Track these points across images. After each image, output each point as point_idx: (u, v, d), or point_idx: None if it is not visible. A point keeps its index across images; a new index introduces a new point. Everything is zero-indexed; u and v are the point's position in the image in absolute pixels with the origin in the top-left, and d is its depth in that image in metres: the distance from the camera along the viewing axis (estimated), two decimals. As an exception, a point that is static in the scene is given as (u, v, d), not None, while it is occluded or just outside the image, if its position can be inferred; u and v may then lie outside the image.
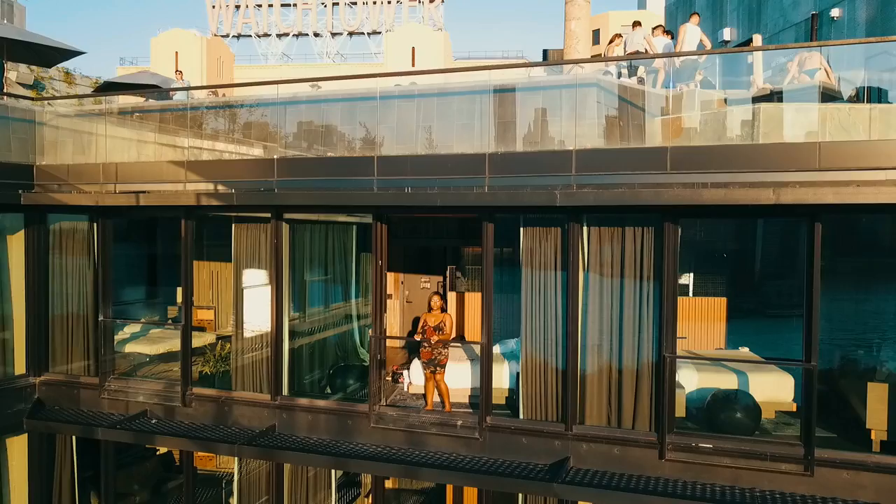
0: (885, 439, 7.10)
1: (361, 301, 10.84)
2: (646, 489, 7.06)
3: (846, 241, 9.34)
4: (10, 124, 10.64)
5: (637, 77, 11.01)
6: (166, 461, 13.50)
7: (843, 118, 8.18)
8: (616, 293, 7.64)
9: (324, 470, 9.45)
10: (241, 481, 9.84)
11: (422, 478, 8.48)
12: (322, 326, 10.22)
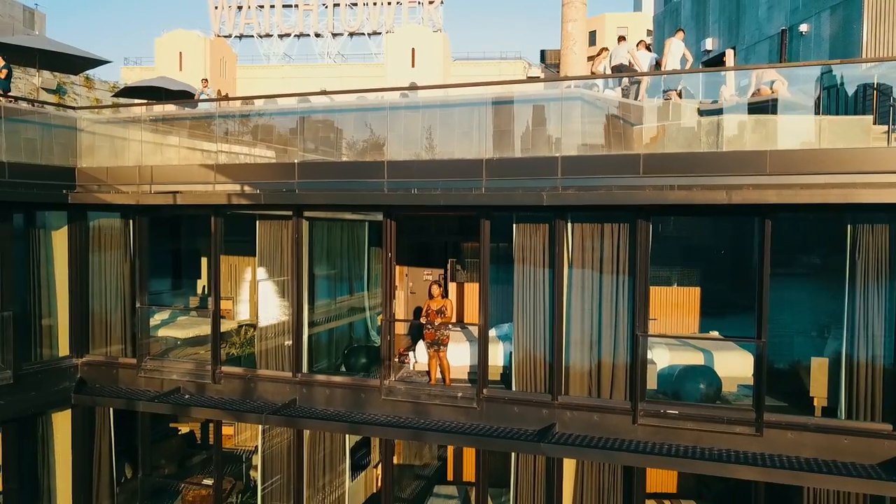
0: (826, 405, 8.26)
1: (372, 291, 11.98)
2: (619, 448, 8.22)
3: (805, 242, 10.50)
4: (53, 131, 11.77)
5: (621, 87, 12.17)
6: (189, 439, 14.69)
7: (795, 128, 9.36)
8: (596, 282, 8.78)
9: (338, 443, 10.58)
10: (263, 455, 10.96)
11: (427, 440, 9.64)
12: (337, 312, 11.37)
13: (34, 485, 10.99)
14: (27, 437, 10.83)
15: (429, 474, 12.70)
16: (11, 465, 10.54)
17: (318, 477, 10.49)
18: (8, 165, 10.30)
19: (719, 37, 17.65)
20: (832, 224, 8.48)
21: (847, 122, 9.25)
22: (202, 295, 14.56)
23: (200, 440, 14.86)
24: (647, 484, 11.47)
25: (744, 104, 10.44)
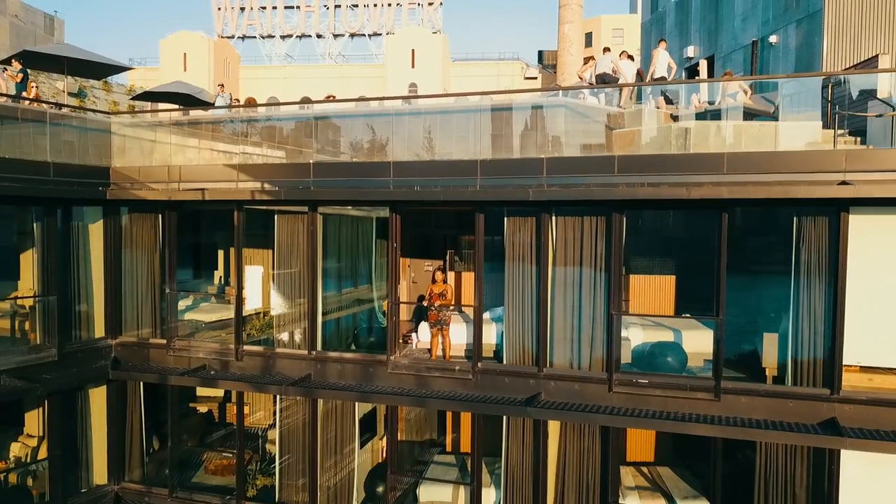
0: (776, 374, 9.48)
1: (378, 278, 13.18)
2: (595, 411, 9.44)
3: (761, 234, 11.65)
4: (88, 133, 12.98)
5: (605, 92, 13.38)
6: (209, 418, 15.90)
7: (755, 133, 10.59)
8: (577, 268, 9.98)
9: (349, 414, 11.78)
10: (280, 429, 12.15)
11: (429, 406, 10.87)
12: (347, 298, 12.58)
13: (74, 453, 12.20)
14: (68, 409, 12.04)
15: (429, 446, 13.91)
16: (55, 434, 11.77)
17: (330, 444, 11.70)
18: (53, 165, 11.51)
19: (700, 45, 18.87)
20: (782, 218, 9.68)
21: (800, 127, 10.45)
22: (219, 284, 15.79)
23: (218, 419, 16.07)
24: (627, 453, 12.77)
25: (715, 110, 11.69)
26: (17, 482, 12.21)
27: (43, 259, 11.51)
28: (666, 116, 11.86)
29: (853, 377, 9.02)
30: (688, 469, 11.96)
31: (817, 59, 13.57)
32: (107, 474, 12.67)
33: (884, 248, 8.74)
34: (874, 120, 10.71)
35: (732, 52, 17.08)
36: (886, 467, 8.71)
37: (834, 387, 8.86)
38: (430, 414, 14.53)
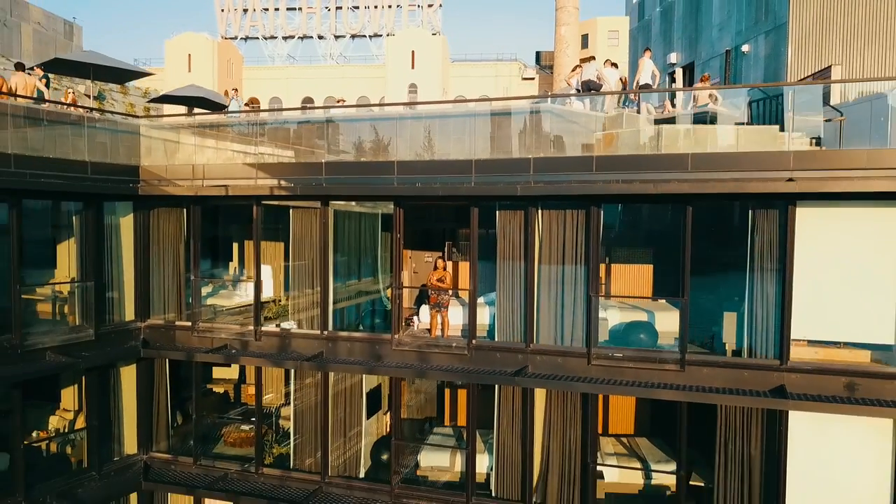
0: (734, 349, 10.77)
1: (384, 266, 14.45)
2: (576, 381, 10.73)
3: (724, 226, 12.89)
4: (119, 135, 14.24)
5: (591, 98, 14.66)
6: (224, 397, 17.21)
7: (720, 136, 11.88)
8: (560, 255, 11.26)
9: (356, 388, 13.06)
10: (294, 407, 13.42)
11: (429, 377, 12.17)
12: (355, 284, 13.86)
13: (107, 425, 13.48)
14: (103, 384, 13.32)
15: (428, 423, 15.21)
16: (92, 407, 13.05)
17: (340, 417, 12.98)
18: (90, 164, 12.78)
19: (682, 51, 20.13)
20: (740, 211, 10.94)
21: (759, 130, 11.74)
22: (233, 274, 17.06)
23: (233, 399, 17.37)
24: (609, 426, 14.07)
25: (686, 115, 12.97)
26: (57, 451, 13.50)
27: (81, 249, 12.78)
28: (643, 122, 13.14)
29: (801, 350, 10.30)
30: (662, 439, 13.27)
31: (783, 67, 14.81)
32: (136, 445, 13.96)
33: (827, 237, 10.00)
34: (827, 123, 11.98)
35: (710, 59, 18.35)
36: (828, 425, 10.00)
37: (783, 358, 10.15)
38: (429, 395, 15.84)
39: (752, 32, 16.42)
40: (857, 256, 9.89)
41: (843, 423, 10.00)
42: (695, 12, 19.40)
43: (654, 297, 13.82)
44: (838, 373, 9.99)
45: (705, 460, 11.24)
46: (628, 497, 12.09)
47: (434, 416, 15.84)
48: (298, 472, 13.00)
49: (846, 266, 9.94)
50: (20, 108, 12.46)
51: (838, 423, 10.01)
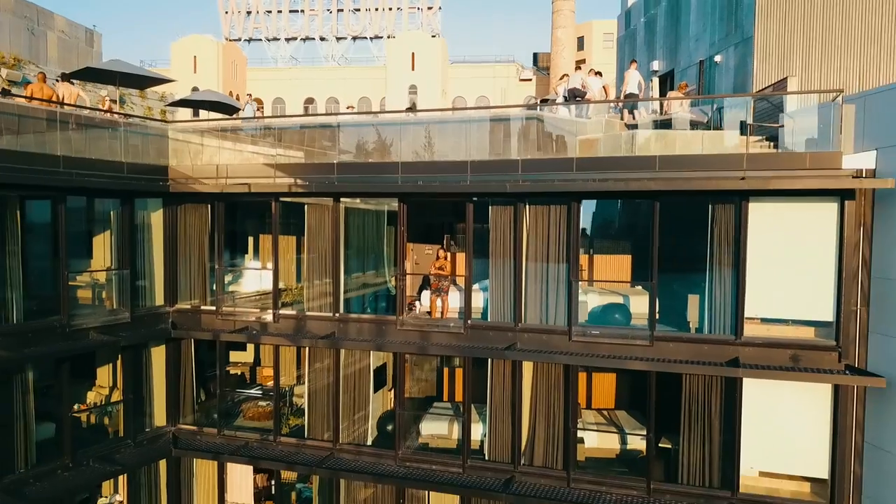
0: (696, 326, 12.29)
1: (388, 257, 15.94)
2: (557, 354, 12.25)
3: (689, 219, 14.35)
4: (149, 138, 15.75)
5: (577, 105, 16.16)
6: (241, 379, 18.71)
7: (687, 140, 13.39)
8: (544, 246, 12.76)
9: (364, 367, 14.55)
10: (309, 384, 14.91)
11: (430, 352, 13.66)
12: (364, 273, 15.37)
13: (140, 399, 14.98)
14: (137, 362, 14.82)
15: (428, 396, 16.72)
16: (128, 382, 14.56)
17: (350, 392, 14.49)
18: (126, 164, 14.29)
19: (663, 59, 21.63)
20: (702, 206, 12.40)
21: (721, 136, 13.26)
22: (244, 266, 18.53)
23: (249, 380, 18.88)
24: (592, 401, 15.59)
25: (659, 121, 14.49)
26: (96, 421, 15.01)
27: (118, 240, 14.29)
28: (621, 125, 14.66)
29: (753, 327, 11.82)
30: (638, 412, 14.79)
31: (749, 77, 16.30)
32: (165, 417, 15.46)
33: (775, 228, 11.50)
34: (783, 128, 13.50)
35: (688, 67, 19.84)
36: (777, 391, 11.53)
37: (738, 334, 11.67)
38: (429, 376, 17.34)
39: (723, 44, 17.94)
40: (801, 245, 11.42)
41: (789, 388, 11.54)
42: (675, 24, 20.93)
43: (632, 283, 15.36)
44: (785, 346, 11.52)
45: (673, 425, 12.74)
46: (606, 460, 13.60)
47: (434, 395, 17.35)
48: (312, 441, 14.51)
49: (792, 253, 11.46)
50: (68, 115, 13.93)
51: (785, 388, 11.55)
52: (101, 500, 15.06)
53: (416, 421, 14.74)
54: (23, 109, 13.48)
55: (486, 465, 13.33)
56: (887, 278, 10.76)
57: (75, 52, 24.75)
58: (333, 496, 14.52)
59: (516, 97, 65.48)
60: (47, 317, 13.01)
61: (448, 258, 14.34)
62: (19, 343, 12.25)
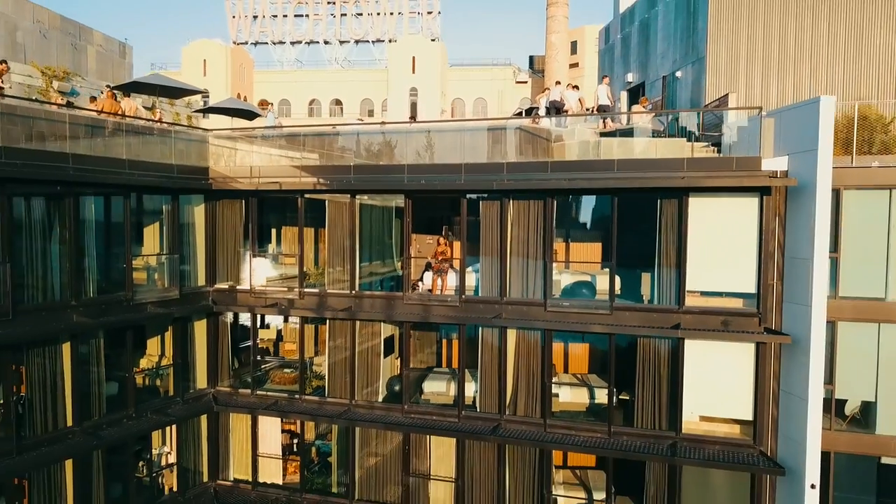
0: (648, 298, 15.06)
1: (396, 245, 18.70)
2: (535, 321, 15.02)
3: (644, 213, 17.08)
4: (192, 143, 18.49)
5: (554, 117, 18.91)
6: (266, 351, 21.45)
7: (644, 147, 16.15)
8: (525, 234, 15.50)
9: (376, 336, 17.29)
10: (328, 356, 17.68)
11: (431, 320, 16.42)
12: (376, 259, 18.14)
13: (186, 365, 17.74)
14: (183, 332, 17.59)
15: (428, 363, 19.49)
16: (176, 349, 17.33)
17: (363, 357, 17.24)
18: (176, 166, 17.03)
19: (636, 73, 24.36)
20: (652, 201, 15.12)
21: (672, 142, 16.01)
22: (273, 252, 21.28)
23: (272, 353, 21.63)
24: (568, 367, 18.34)
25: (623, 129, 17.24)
26: (149, 383, 17.77)
27: (169, 229, 17.05)
28: (593, 133, 17.42)
29: (693, 299, 14.57)
30: (606, 374, 17.53)
31: (703, 91, 19.02)
32: (206, 380, 18.23)
33: (710, 218, 14.23)
34: (725, 136, 16.25)
35: (655, 80, 22.56)
36: (711, 349, 14.26)
37: (681, 304, 14.42)
38: (430, 347, 20.09)
39: (683, 62, 20.69)
40: (730, 232, 14.16)
41: (721, 347, 14.29)
42: (645, 42, 23.67)
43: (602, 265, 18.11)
44: (718, 313, 14.28)
45: (630, 381, 15.49)
46: (577, 412, 16.35)
47: (434, 364, 20.11)
48: (332, 398, 17.29)
49: (723, 239, 14.20)
50: (132, 126, 16.67)
51: (718, 347, 14.30)
52: (154, 450, 17.81)
53: (419, 381, 17.52)
54: (94, 120, 16.22)
55: (477, 415, 16.10)
56: (795, 258, 13.51)
57: (111, 63, 27.44)
58: (349, 448, 17.28)
59: (512, 98, 68.22)
60: (115, 292, 15.77)
61: (446, 245, 17.10)
62: (95, 313, 15.00)
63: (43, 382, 14.18)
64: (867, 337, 14.02)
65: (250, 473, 18.21)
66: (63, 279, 14.51)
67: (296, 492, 17.72)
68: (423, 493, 16.72)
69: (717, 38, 18.51)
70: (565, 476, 17.63)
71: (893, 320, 13.83)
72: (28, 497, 14.19)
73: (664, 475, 14.75)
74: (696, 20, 19.59)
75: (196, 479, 18.08)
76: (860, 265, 14.00)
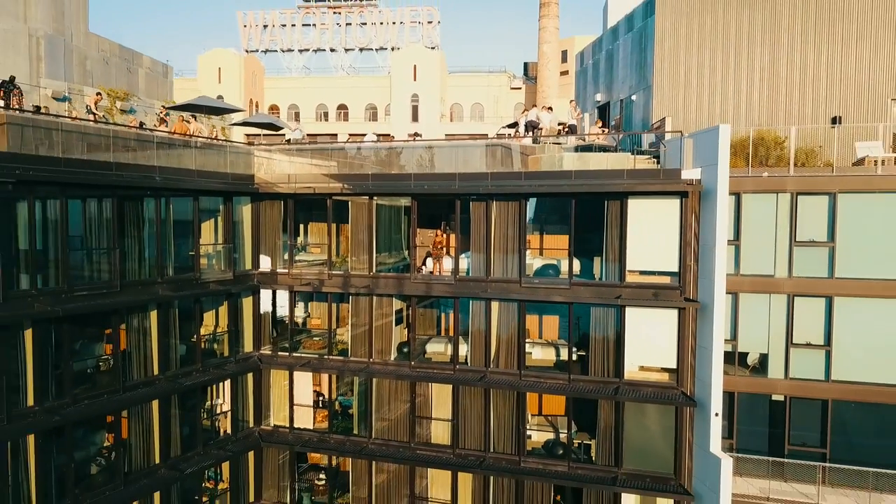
0: (599, 276, 19.60)
1: (404, 236, 23.22)
2: (512, 294, 19.59)
3: (595, 212, 21.58)
4: (241, 155, 23.04)
5: (531, 133, 23.45)
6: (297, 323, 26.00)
7: (597, 160, 20.72)
8: (504, 228, 20.04)
9: (390, 308, 21.81)
10: (350, 327, 22.23)
11: (433, 293, 20.97)
12: (389, 248, 22.70)
13: (237, 331, 22.30)
14: (236, 306, 22.15)
15: (429, 332, 24.05)
16: (230, 319, 21.90)
17: (379, 325, 21.80)
18: (230, 174, 21.58)
19: (604, 93, 28.89)
20: (600, 202, 19.60)
21: (619, 156, 20.55)
22: (302, 243, 25.82)
23: (302, 324, 26.17)
24: (542, 335, 22.90)
25: (584, 145, 21.81)
26: (208, 347, 22.33)
27: (224, 225, 21.59)
28: (558, 149, 21.98)
29: (632, 276, 19.11)
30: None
31: (651, 113, 23.50)
32: (252, 345, 22.80)
33: (644, 215, 18.73)
34: (668, 149, 20.79)
35: (617, 101, 27.10)
36: (646, 314, 18.79)
37: (622, 280, 18.96)
38: (431, 319, 24.63)
39: (637, 88, 25.24)
40: (659, 225, 18.68)
41: (653, 313, 18.83)
42: (610, 69, 28.21)
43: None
44: (650, 287, 18.83)
45: (585, 341, 20.00)
46: (545, 367, 20.89)
47: (434, 333, 24.67)
48: (355, 358, 21.86)
49: (654, 230, 18.73)
50: (199, 142, 21.20)
51: (650, 313, 18.84)
52: (212, 401, 22.35)
53: (423, 345, 22.08)
54: (169, 139, 20.76)
55: (468, 368, 20.66)
56: (706, 245, 18.03)
57: (156, 82, 31.92)
58: (367, 400, 21.82)
59: (507, 103, 72.70)
60: (186, 273, 20.32)
61: (444, 237, 21.64)
62: (173, 288, 19.54)
63: (137, 340, 18.74)
64: (761, 304, 18.58)
65: (287, 420, 22.80)
66: (151, 262, 19.05)
67: (325, 433, 22.32)
68: (426, 430, 21.30)
69: (661, 70, 23.03)
70: (539, 421, 22.24)
71: (779, 292, 18.38)
72: (127, 427, 18.74)
73: (611, 412, 19.32)
74: (646, 54, 24.15)
75: (244, 425, 22.65)
76: (755, 250, 18.56)
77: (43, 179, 15.77)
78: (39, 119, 17.44)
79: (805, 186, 17.90)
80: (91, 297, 17.10)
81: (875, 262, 17.62)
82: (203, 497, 21.75)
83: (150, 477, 18.87)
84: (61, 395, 16.59)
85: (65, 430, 16.64)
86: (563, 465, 19.66)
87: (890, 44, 20.71)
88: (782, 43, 21.81)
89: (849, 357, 17.90)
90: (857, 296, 17.77)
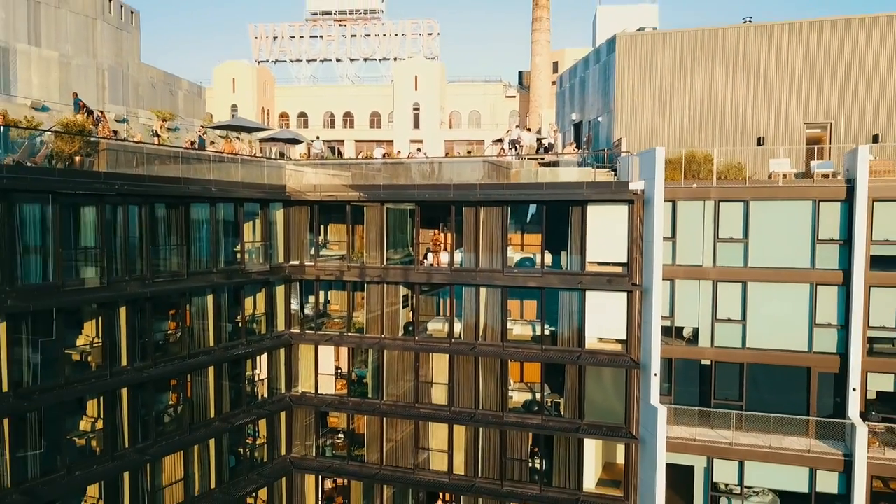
0: (565, 266, 24.49)
1: (409, 235, 28.06)
2: (496, 281, 24.48)
3: (562, 216, 26.42)
4: (274, 168, 27.93)
5: (515, 150, 28.34)
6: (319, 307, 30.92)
7: (566, 174, 25.65)
8: (490, 228, 24.87)
9: (398, 294, 26.64)
10: (365, 310, 27.11)
11: (433, 280, 25.85)
12: (398, 245, 27.58)
13: (272, 314, 27.15)
14: (271, 293, 27.00)
15: (430, 314, 28.92)
16: (267, 305, 26.78)
17: (389, 308, 26.66)
18: (267, 185, 26.47)
19: (578, 113, 33.70)
20: (566, 208, 24.42)
21: (583, 170, 25.41)
22: (323, 241, 30.70)
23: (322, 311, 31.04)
24: (522, 315, 27.83)
25: (553, 161, 26.74)
26: (249, 326, 27.19)
27: (262, 227, 26.48)
28: (535, 164, 26.87)
29: (592, 266, 23.96)
30: (547, 319, 27.00)
31: (613, 133, 28.30)
32: (284, 325, 27.69)
33: (601, 218, 23.56)
34: (622, 164, 25.65)
35: (589, 121, 31.95)
36: (602, 296, 23.64)
37: (583, 270, 23.83)
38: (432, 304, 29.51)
39: (602, 111, 30.10)
40: (612, 226, 23.53)
41: (607, 295, 23.68)
42: (583, 92, 33.07)
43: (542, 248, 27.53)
44: (605, 275, 23.70)
45: (554, 319, 24.81)
46: (523, 340, 25.72)
47: (434, 314, 29.52)
48: (370, 334, 26.74)
49: (608, 230, 23.57)
50: (239, 159, 26.07)
51: (605, 295, 23.69)
52: (251, 371, 27.17)
53: (425, 324, 26.98)
54: (219, 156, 25.63)
55: (461, 342, 25.53)
56: (648, 241, 22.88)
57: (192, 102, 36.78)
58: (379, 371, 26.69)
59: (503, 111, 77.55)
60: (233, 265, 25.20)
61: (442, 236, 26.51)
62: (224, 277, 24.42)
63: (197, 318, 23.64)
64: (692, 288, 23.42)
65: (313, 387, 27.71)
66: (208, 255, 23.94)
67: (344, 397, 27.22)
68: (427, 393, 26.20)
69: (620, 97, 27.85)
70: (520, 386, 27.16)
71: (706, 278, 23.22)
72: (190, 387, 23.61)
73: (576, 375, 24.20)
74: (609, 84, 29.03)
75: (277, 390, 27.54)
76: (687, 245, 23.38)
77: (133, 192, 20.68)
78: (128, 145, 22.33)
79: (725, 195, 22.73)
80: (167, 283, 22.03)
81: (779, 254, 22.47)
82: (245, 449, 26.64)
83: (207, 427, 23.77)
84: (145, 359, 21.49)
85: (147, 386, 21.56)
86: (538, 418, 24.56)
87: (800, 80, 25.66)
88: (718, 77, 26.66)
89: (759, 329, 22.73)
90: (765, 281, 22.62)
